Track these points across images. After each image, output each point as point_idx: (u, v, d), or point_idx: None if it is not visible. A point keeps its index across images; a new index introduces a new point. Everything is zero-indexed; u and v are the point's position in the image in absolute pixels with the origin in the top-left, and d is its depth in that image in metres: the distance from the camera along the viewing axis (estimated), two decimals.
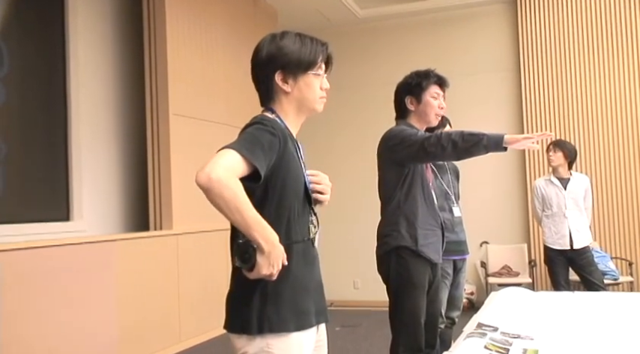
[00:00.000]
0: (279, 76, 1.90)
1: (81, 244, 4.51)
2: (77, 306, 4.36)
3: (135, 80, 5.72)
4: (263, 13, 7.06)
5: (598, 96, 7.10)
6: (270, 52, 1.90)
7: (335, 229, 7.42)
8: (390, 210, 3.11)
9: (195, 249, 5.48)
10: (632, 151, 6.95)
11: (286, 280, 1.76)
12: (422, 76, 3.22)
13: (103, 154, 5.44)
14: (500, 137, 2.79)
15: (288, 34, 1.93)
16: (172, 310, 5.34)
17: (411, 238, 3.02)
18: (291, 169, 1.83)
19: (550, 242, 5.38)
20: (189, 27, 5.80)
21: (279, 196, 1.81)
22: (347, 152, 7.99)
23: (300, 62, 1.90)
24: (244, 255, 1.68)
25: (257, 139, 1.74)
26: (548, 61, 7.30)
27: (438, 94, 3.20)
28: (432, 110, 3.19)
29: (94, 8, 5.42)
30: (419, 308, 3.02)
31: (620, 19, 7.07)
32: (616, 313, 3.21)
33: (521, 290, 4.00)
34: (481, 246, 7.38)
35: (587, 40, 7.17)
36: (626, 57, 7.03)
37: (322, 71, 1.96)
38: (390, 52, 7.94)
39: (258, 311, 1.75)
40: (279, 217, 1.81)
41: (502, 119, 7.52)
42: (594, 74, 7.12)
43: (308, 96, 1.93)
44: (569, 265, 5.39)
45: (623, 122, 7.00)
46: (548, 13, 7.34)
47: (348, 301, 7.56)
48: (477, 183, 7.19)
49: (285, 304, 1.77)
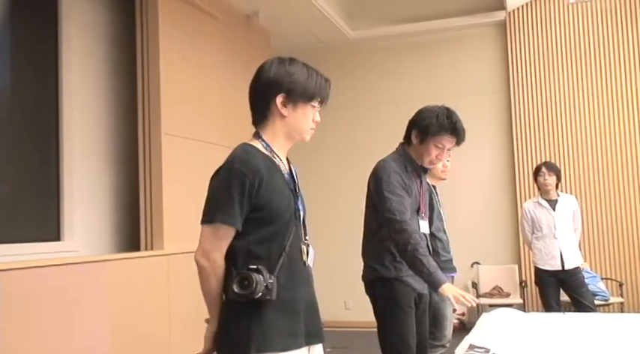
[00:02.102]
0: (280, 99, 1.95)
1: (72, 264, 4.48)
2: (68, 327, 4.32)
3: (127, 100, 5.72)
4: (256, 34, 7.10)
5: (587, 118, 7.17)
6: (279, 74, 1.96)
7: (326, 249, 7.39)
8: (375, 240, 3.08)
9: (186, 269, 5.41)
10: (621, 172, 7.01)
11: (273, 303, 1.82)
12: (437, 121, 3.00)
13: (94, 173, 5.42)
14: (439, 283, 2.75)
15: (296, 62, 2.00)
16: (163, 331, 5.30)
17: (395, 270, 3.01)
18: (273, 196, 1.88)
19: (541, 263, 5.40)
20: (183, 47, 5.82)
21: (263, 224, 1.88)
22: (337, 173, 8.01)
23: (305, 91, 1.96)
24: (243, 282, 1.79)
25: (228, 194, 1.84)
26: (538, 83, 7.38)
27: (444, 145, 3.04)
28: (427, 157, 3.08)
29: (87, 27, 5.44)
30: (407, 330, 3.01)
31: (608, 42, 7.17)
32: (607, 335, 3.21)
33: (513, 311, 4.00)
34: (472, 266, 7.39)
35: (575, 63, 7.26)
36: (614, 80, 7.12)
37: (318, 104, 2.02)
38: (380, 73, 8.00)
39: (246, 333, 1.81)
40: (266, 243, 1.88)
41: (492, 141, 7.57)
42: (584, 95, 7.20)
43: (301, 124, 1.99)
44: (560, 287, 5.40)
45: (612, 144, 7.06)
46: (538, 36, 7.44)
47: (339, 322, 7.53)
48: (469, 204, 7.22)
49: (272, 325, 1.82)
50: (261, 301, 1.80)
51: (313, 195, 2.26)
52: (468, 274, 7.35)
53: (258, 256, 1.85)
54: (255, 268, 1.80)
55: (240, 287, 1.79)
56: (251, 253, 1.86)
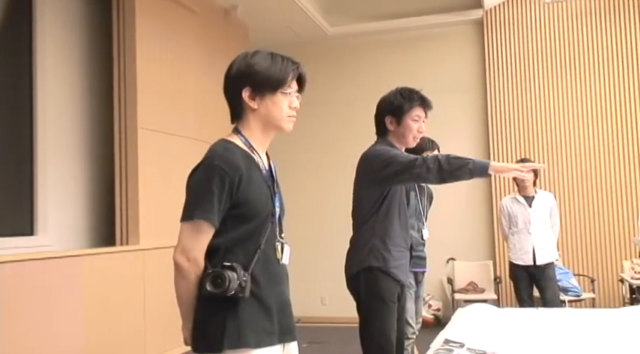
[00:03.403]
0: (246, 93, 1.92)
1: (46, 259, 4.43)
2: (42, 322, 4.28)
3: (103, 93, 5.67)
4: (234, 28, 7.08)
5: (562, 115, 7.26)
6: (240, 68, 1.93)
7: (302, 245, 7.41)
8: (364, 230, 3.10)
9: (162, 264, 5.40)
10: (596, 169, 7.11)
11: (247, 300, 1.81)
12: (405, 98, 3.14)
13: (69, 167, 5.37)
14: (487, 164, 2.79)
15: (260, 53, 1.96)
16: (138, 326, 5.27)
17: (384, 260, 3.03)
18: (252, 194, 1.86)
19: (514, 258, 5.48)
20: (160, 41, 5.78)
21: (241, 221, 1.86)
22: (315, 168, 8.02)
23: (269, 80, 1.92)
24: (216, 280, 1.78)
25: (208, 191, 1.81)
26: (514, 81, 7.45)
27: (419, 117, 3.14)
28: (410, 133, 3.15)
29: (63, 20, 5.38)
30: (389, 325, 3.02)
31: (584, 42, 7.27)
32: (578, 329, 3.27)
33: (487, 307, 4.06)
34: (448, 263, 7.45)
35: (551, 61, 7.35)
36: (589, 77, 7.22)
37: (292, 90, 1.97)
38: (358, 69, 8.02)
39: (220, 330, 1.80)
40: (242, 240, 1.86)
41: (468, 138, 7.63)
42: (559, 93, 7.29)
43: (274, 114, 1.95)
44: (532, 281, 5.48)
45: (586, 141, 7.16)
46: (514, 34, 7.51)
47: (315, 318, 7.54)
48: (444, 201, 7.24)
49: (245, 322, 1.82)
50: (235, 298, 1.79)
51: (287, 191, 2.24)
52: (443, 270, 7.41)
53: (234, 253, 1.84)
54: (229, 266, 1.79)
55: (214, 285, 1.77)
56: (227, 250, 1.84)
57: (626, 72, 7.12)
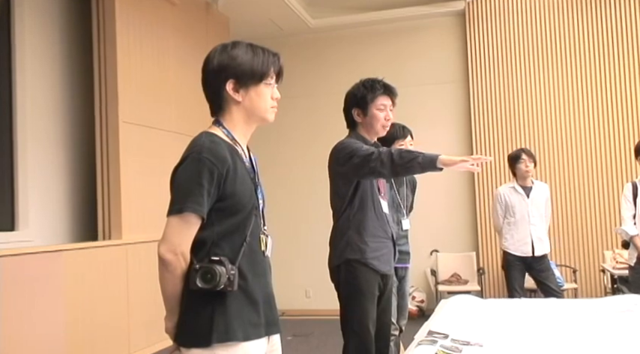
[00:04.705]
0: (230, 86, 1.91)
1: (27, 254, 4.39)
2: (24, 318, 4.24)
3: (84, 87, 5.61)
4: (215, 21, 7.03)
5: (545, 107, 7.30)
6: (222, 61, 1.92)
7: (286, 238, 7.41)
8: (341, 222, 3.13)
9: (145, 259, 5.41)
10: (576, 161, 7.16)
11: (234, 293, 1.81)
12: (368, 88, 3.18)
13: (50, 161, 5.31)
14: (436, 157, 2.79)
15: (239, 44, 1.95)
16: (122, 322, 5.24)
17: (360, 251, 3.05)
18: (238, 187, 1.86)
19: (512, 249, 5.39)
20: (140, 34, 5.73)
21: (227, 215, 1.85)
22: (296, 160, 8.02)
23: (253, 72, 1.92)
24: (206, 276, 1.77)
25: (197, 184, 1.79)
26: (496, 72, 7.47)
27: (384, 105, 3.18)
28: (377, 122, 3.18)
29: (42, 14, 5.31)
30: (367, 317, 3.04)
31: (566, 33, 7.30)
32: (561, 319, 3.29)
33: (471, 298, 4.07)
34: (431, 254, 7.48)
35: (533, 53, 7.37)
36: (571, 70, 7.25)
37: (273, 81, 1.98)
38: (340, 61, 8.00)
39: (208, 323, 1.79)
40: (228, 234, 1.86)
41: (451, 130, 7.65)
42: (541, 86, 7.32)
43: (259, 105, 1.95)
44: (525, 272, 5.45)
45: (568, 134, 7.20)
46: (496, 26, 7.53)
47: (299, 310, 7.55)
48: (427, 193, 7.26)
49: (233, 315, 1.81)
50: (222, 292, 1.78)
51: (269, 184, 2.24)
52: (427, 261, 7.44)
53: (220, 247, 1.83)
54: (217, 260, 1.78)
55: (204, 281, 1.76)
56: (213, 243, 1.83)
57: (610, 62, 7.15)
